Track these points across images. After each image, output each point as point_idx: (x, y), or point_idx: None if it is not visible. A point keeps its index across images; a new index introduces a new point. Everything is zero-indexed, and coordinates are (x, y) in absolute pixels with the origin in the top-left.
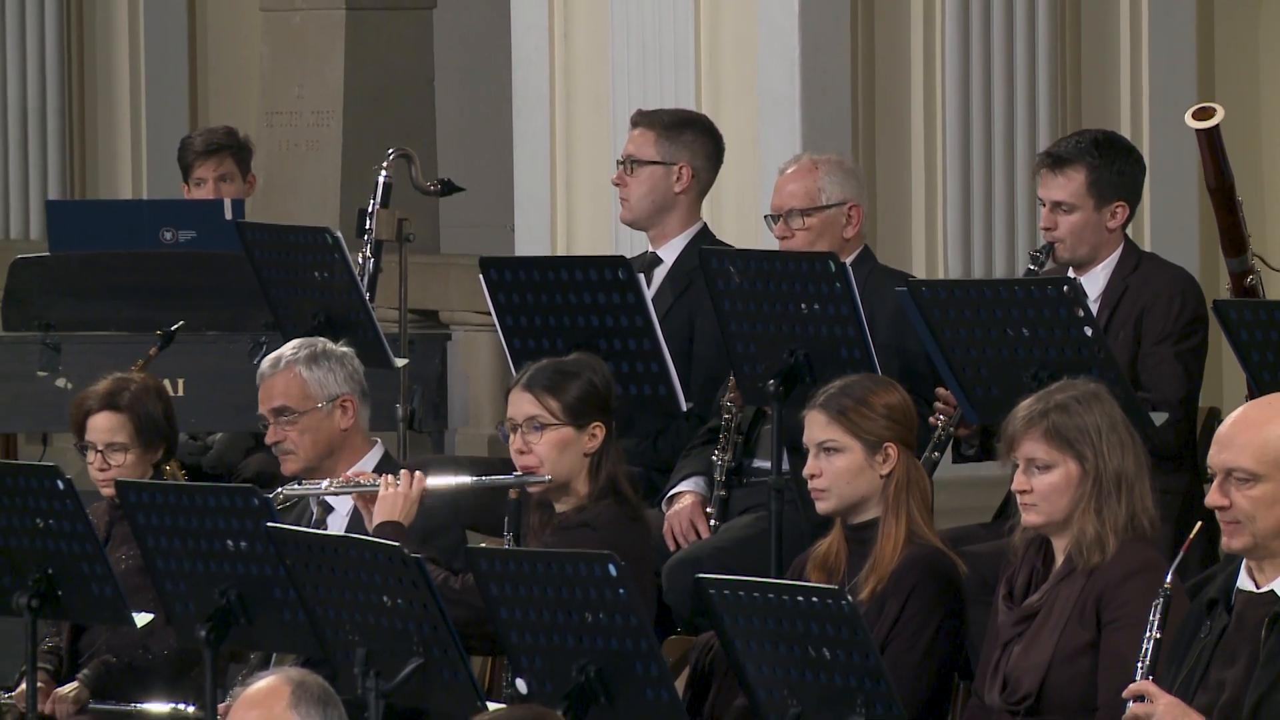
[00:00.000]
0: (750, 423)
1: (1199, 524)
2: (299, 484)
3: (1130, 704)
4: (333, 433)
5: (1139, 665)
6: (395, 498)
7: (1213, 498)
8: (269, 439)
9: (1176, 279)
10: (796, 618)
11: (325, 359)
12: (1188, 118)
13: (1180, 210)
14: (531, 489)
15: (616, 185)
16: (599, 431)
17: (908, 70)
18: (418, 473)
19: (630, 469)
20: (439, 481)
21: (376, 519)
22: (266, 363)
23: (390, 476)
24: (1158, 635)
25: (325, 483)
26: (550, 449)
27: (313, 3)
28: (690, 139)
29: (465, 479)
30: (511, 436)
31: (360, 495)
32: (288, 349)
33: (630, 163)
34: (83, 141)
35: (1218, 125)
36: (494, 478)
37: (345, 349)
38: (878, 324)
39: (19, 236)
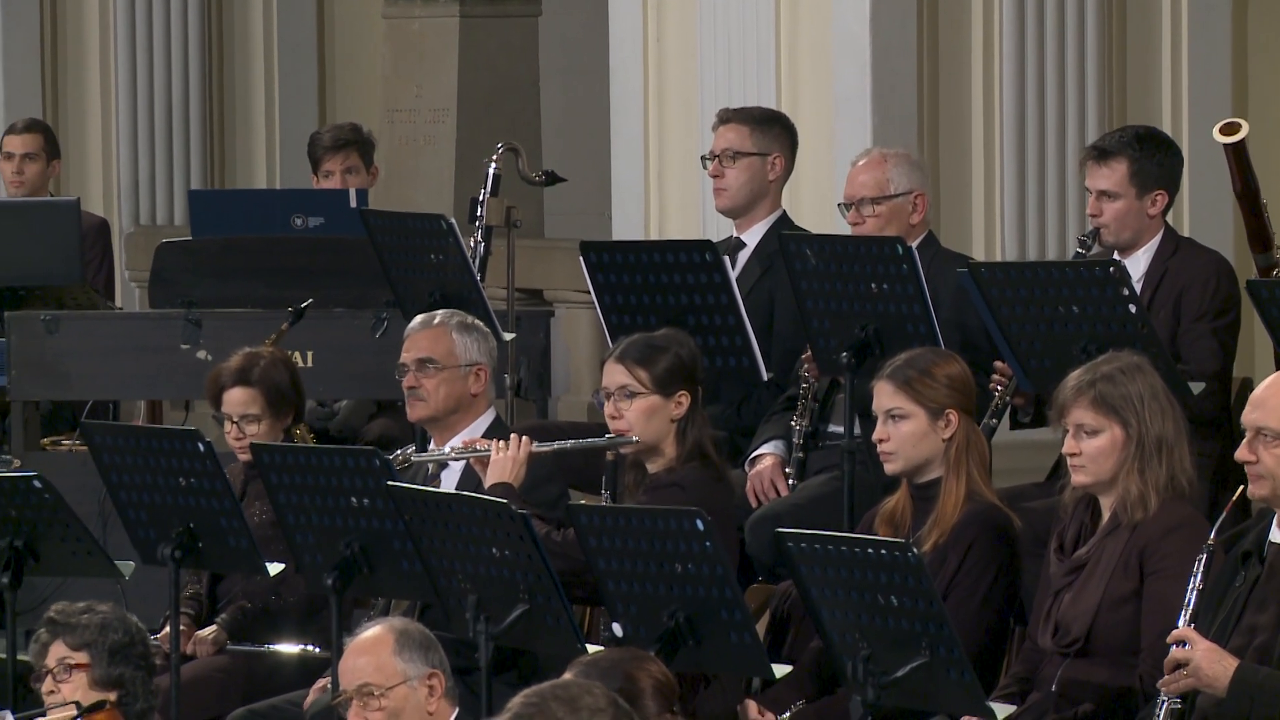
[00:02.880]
0: (825, 391)
1: (1240, 488)
2: (421, 450)
3: (1173, 648)
4: (463, 393)
5: (1183, 613)
6: (505, 461)
7: (1242, 453)
8: (406, 384)
9: (1212, 262)
10: (867, 568)
11: (473, 330)
12: (1215, 133)
13: (1216, 201)
14: (623, 450)
15: (714, 177)
16: (685, 399)
17: (969, 72)
18: (524, 437)
19: (715, 433)
20: (543, 445)
21: (490, 480)
22: (419, 320)
23: (501, 442)
24: (1200, 586)
25: (447, 449)
26: (639, 415)
27: (430, 11)
28: (778, 132)
29: (565, 442)
30: (606, 404)
31: (476, 459)
32: (441, 313)
33: (731, 155)
34: (222, 136)
35: (1244, 139)
36: (590, 440)
37: (487, 328)
38: (941, 302)
39: (164, 222)
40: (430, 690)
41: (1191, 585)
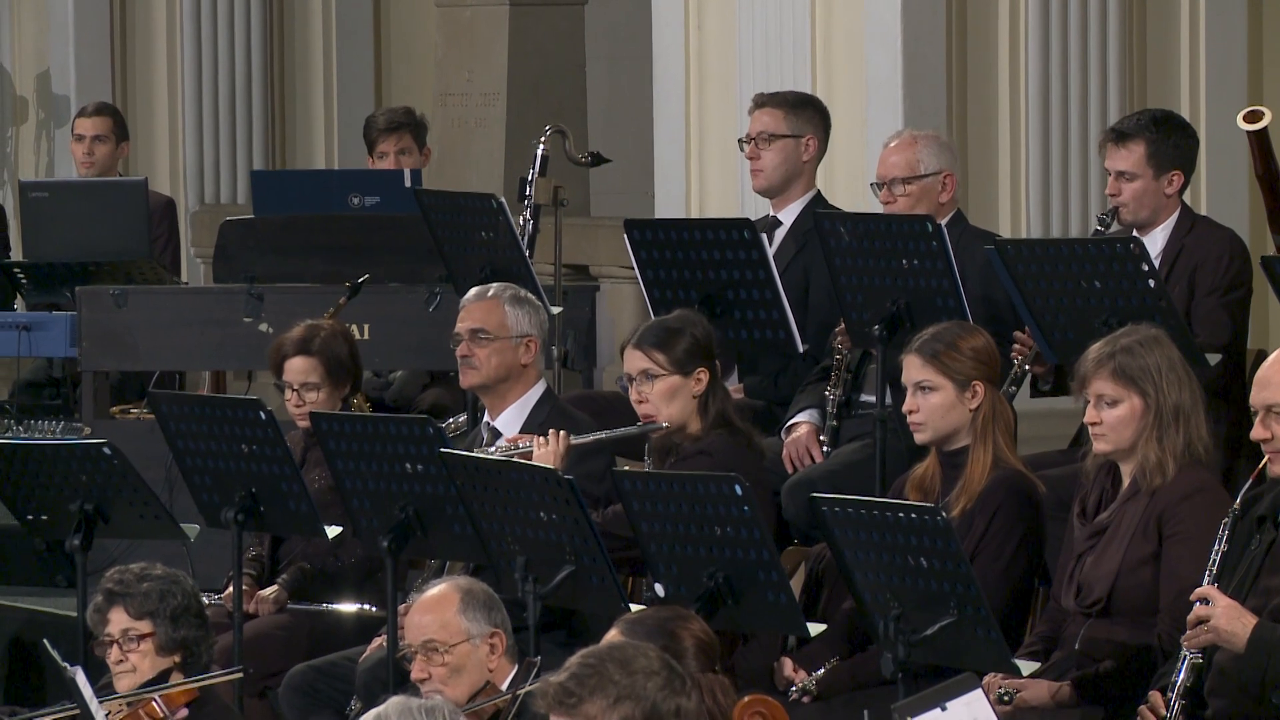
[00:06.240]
0: (858, 362)
1: (1266, 458)
2: (469, 428)
3: (1196, 605)
4: (514, 363)
5: (1207, 573)
6: (546, 455)
7: (1256, 432)
8: (459, 352)
9: (1226, 239)
10: (897, 531)
11: (525, 303)
12: (1239, 120)
13: (1232, 181)
14: (654, 435)
15: (751, 159)
16: (704, 376)
17: (995, 58)
18: (563, 431)
19: (749, 401)
20: (580, 438)
21: None
22: (473, 292)
23: (541, 438)
24: (1224, 548)
25: (493, 449)
26: (663, 396)
27: None
28: (811, 115)
29: (600, 434)
30: (629, 389)
31: (521, 456)
32: (495, 286)
33: (766, 137)
34: (282, 120)
35: (1265, 127)
36: (622, 430)
37: (539, 301)
38: (969, 277)
39: (228, 201)
40: (492, 648)
41: (1216, 547)
